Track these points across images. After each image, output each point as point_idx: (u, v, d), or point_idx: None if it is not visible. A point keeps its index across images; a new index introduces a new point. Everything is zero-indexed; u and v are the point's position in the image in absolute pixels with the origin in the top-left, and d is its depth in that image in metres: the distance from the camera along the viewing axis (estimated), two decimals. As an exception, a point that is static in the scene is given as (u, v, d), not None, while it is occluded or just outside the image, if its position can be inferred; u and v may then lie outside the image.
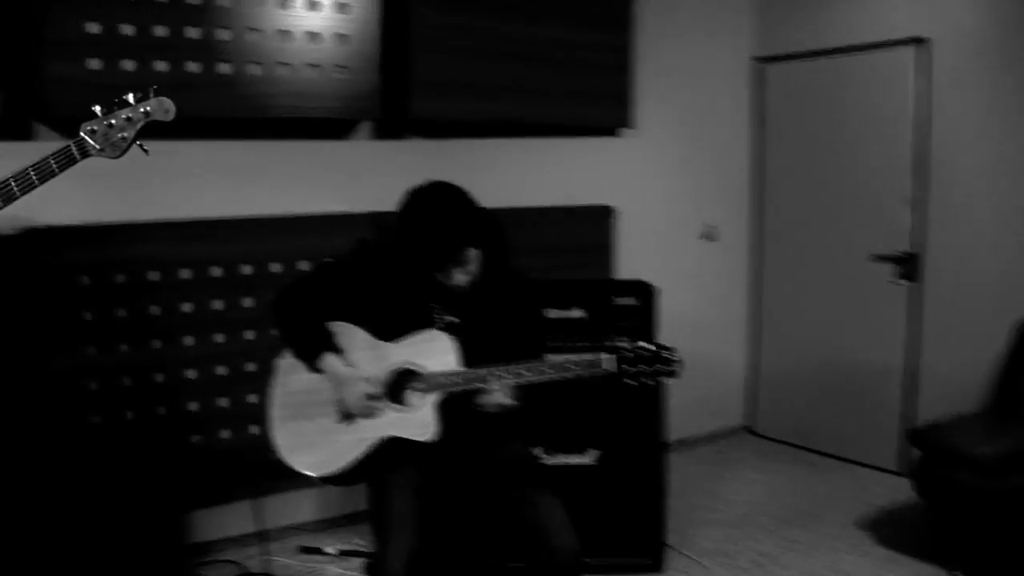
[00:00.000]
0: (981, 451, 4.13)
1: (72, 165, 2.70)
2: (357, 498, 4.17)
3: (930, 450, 4.36)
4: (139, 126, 2.75)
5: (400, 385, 3.02)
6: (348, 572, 4.28)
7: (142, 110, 2.75)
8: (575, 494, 3.47)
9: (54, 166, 2.66)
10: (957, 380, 5.22)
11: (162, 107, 2.77)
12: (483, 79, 4.76)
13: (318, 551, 4.48)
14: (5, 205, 2.65)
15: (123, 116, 2.73)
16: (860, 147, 5.69)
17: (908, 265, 5.49)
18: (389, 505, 2.96)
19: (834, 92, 5.83)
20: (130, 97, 2.74)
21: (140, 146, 2.77)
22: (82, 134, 2.70)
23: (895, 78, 5.46)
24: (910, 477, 4.48)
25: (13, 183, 2.64)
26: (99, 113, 2.72)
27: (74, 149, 2.69)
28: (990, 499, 4.03)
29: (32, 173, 2.64)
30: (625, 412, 4.24)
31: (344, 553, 4.45)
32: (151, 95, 2.77)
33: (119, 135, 2.73)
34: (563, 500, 3.05)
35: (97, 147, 2.71)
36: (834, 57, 5.79)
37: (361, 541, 4.49)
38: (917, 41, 5.32)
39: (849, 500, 5.23)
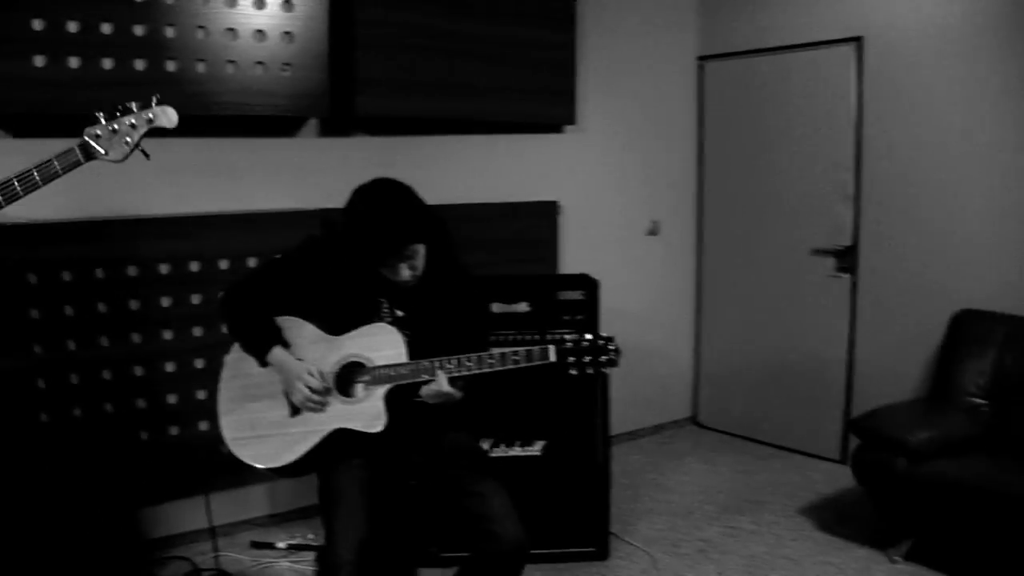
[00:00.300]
0: (914, 438, 4.26)
1: (76, 167, 2.80)
2: (307, 493, 4.21)
3: (867, 438, 4.48)
4: (143, 132, 2.86)
5: (348, 378, 3.08)
6: (299, 566, 4.31)
7: (146, 117, 2.86)
8: (522, 485, 3.52)
9: (58, 167, 2.77)
10: (895, 370, 5.35)
11: (166, 115, 2.89)
12: (428, 76, 4.80)
13: (269, 546, 4.50)
14: (7, 204, 2.74)
15: (127, 122, 2.84)
16: (800, 143, 5.81)
17: (847, 259, 5.62)
18: (338, 495, 3.00)
19: (775, 90, 5.94)
20: (133, 105, 2.85)
21: (143, 151, 2.87)
22: (86, 138, 2.80)
23: (833, 76, 5.57)
24: (849, 464, 4.60)
25: (16, 183, 2.73)
26: (102, 119, 2.82)
27: (79, 152, 2.79)
28: (923, 483, 4.15)
29: (36, 174, 2.74)
30: (570, 404, 4.33)
31: (295, 547, 4.48)
32: (153, 103, 2.87)
33: (124, 140, 2.83)
34: (510, 491, 3.11)
35: (102, 151, 2.81)
36: (775, 55, 5.90)
37: (312, 535, 4.52)
38: (854, 40, 5.44)
39: (791, 488, 5.35)
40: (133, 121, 2.84)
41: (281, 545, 4.50)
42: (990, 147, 4.90)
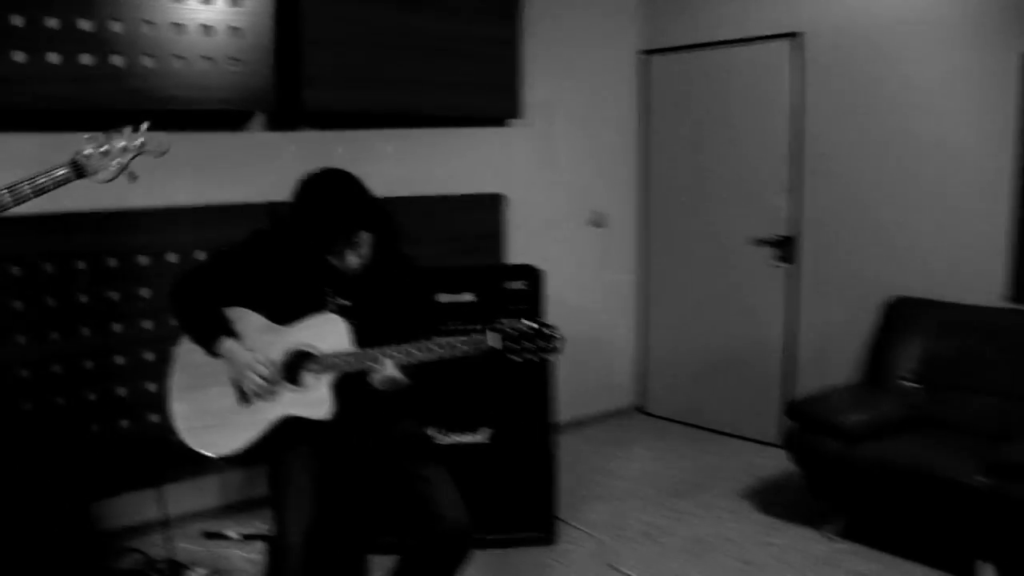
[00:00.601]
0: (847, 420, 4.40)
1: (66, 184, 2.89)
2: (258, 483, 4.27)
3: (804, 421, 4.61)
4: (132, 155, 2.95)
5: (296, 366, 3.14)
6: (251, 555, 4.36)
7: (137, 142, 2.95)
8: (468, 472, 3.59)
9: (48, 184, 2.86)
10: (834, 356, 5.51)
11: (157, 143, 3.00)
12: (375, 71, 4.85)
13: (221, 536, 4.55)
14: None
15: (118, 145, 2.93)
16: (741, 137, 5.94)
17: (786, 248, 5.76)
18: (287, 481, 3.07)
19: (716, 84, 6.07)
20: (126, 130, 2.95)
21: (130, 172, 2.96)
22: (77, 157, 2.88)
23: (772, 71, 5.71)
24: (787, 447, 4.74)
25: (7, 194, 2.80)
26: (92, 140, 2.90)
27: (71, 171, 2.88)
28: (855, 464, 4.30)
29: (27, 187, 2.83)
30: (515, 392, 4.42)
31: (247, 537, 4.52)
32: (143, 128, 2.98)
33: (114, 161, 2.92)
34: (456, 478, 3.19)
35: (92, 171, 2.90)
36: (716, 50, 6.03)
37: (263, 524, 4.56)
38: (791, 36, 5.58)
39: (733, 472, 5.48)
40: (124, 144, 2.93)
41: (233, 535, 4.54)
42: (927, 141, 5.05)
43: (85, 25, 3.98)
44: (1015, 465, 3.83)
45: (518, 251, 5.74)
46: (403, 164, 5.28)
